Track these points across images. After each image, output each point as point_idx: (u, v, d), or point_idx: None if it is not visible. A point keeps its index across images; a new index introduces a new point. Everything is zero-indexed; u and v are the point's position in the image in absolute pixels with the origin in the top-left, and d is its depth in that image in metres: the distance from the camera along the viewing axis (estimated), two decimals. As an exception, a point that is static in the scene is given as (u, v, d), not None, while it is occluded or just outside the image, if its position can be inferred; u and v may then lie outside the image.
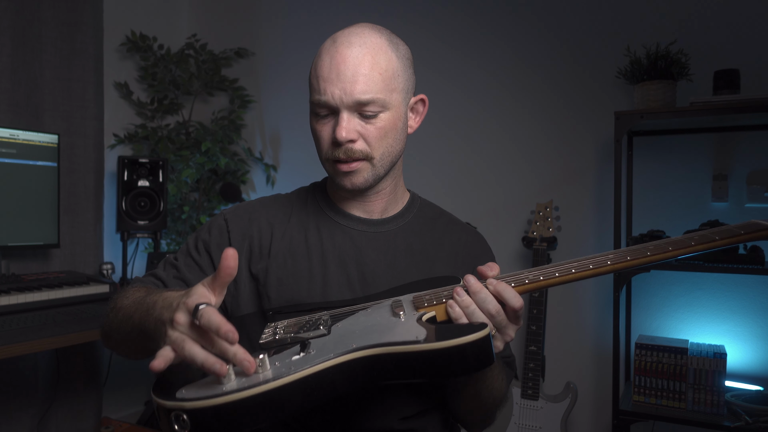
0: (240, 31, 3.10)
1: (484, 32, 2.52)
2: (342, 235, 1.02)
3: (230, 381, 0.65)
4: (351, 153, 0.94)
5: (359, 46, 0.92)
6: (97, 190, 2.59)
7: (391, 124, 0.95)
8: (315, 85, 0.93)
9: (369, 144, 0.94)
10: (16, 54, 2.29)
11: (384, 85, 0.93)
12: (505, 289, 0.80)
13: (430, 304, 0.83)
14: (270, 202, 1.08)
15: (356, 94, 0.91)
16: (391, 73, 0.94)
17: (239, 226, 1.03)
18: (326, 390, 0.67)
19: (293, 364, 0.68)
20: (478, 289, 0.80)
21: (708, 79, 1.98)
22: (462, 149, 2.57)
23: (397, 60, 0.95)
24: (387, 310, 0.84)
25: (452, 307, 0.81)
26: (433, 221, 1.09)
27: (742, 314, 2.06)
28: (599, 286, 2.28)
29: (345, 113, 0.92)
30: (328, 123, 0.95)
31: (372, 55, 0.92)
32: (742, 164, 2.06)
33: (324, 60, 0.93)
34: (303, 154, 2.92)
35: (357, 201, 1.04)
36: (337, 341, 0.73)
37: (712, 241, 0.83)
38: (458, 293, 0.81)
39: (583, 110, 2.33)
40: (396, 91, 0.95)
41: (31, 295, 1.91)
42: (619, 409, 1.94)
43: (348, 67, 0.91)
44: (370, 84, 0.91)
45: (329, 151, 0.95)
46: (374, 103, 0.92)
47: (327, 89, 0.91)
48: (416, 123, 1.05)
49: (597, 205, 2.30)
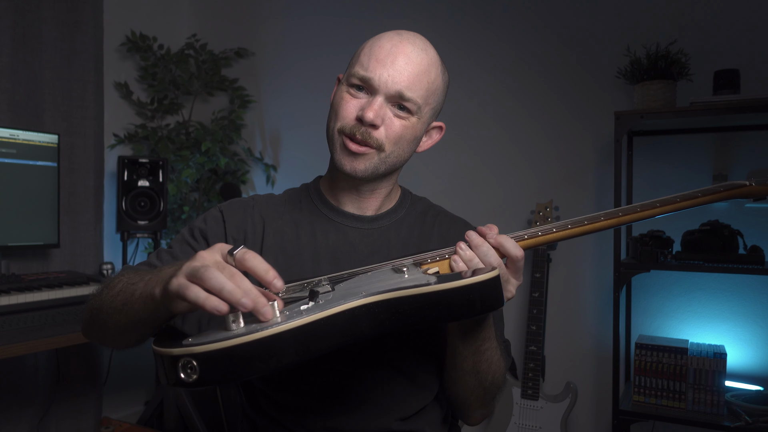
0: (240, 31, 3.10)
1: (483, 32, 2.52)
2: (335, 232, 1.02)
3: (239, 328, 0.62)
4: (367, 136, 0.93)
5: (422, 50, 0.95)
6: (97, 190, 2.59)
7: (412, 131, 0.97)
8: (365, 61, 0.94)
9: (387, 136, 0.95)
10: (16, 54, 2.29)
11: (425, 94, 0.95)
12: (506, 239, 0.83)
13: (433, 260, 0.85)
14: (262, 200, 1.08)
15: (402, 86, 0.92)
16: (434, 88, 0.97)
17: (235, 217, 1.03)
18: (337, 335, 0.65)
19: (304, 311, 0.65)
20: (479, 243, 0.82)
21: (708, 79, 1.98)
22: (462, 149, 2.57)
23: (442, 81, 0.99)
24: (388, 270, 0.84)
25: (456, 262, 0.83)
26: (423, 215, 1.10)
27: (742, 314, 2.06)
28: (599, 286, 2.29)
29: (381, 98, 0.93)
30: (359, 99, 0.94)
31: (428, 63, 0.95)
32: (742, 164, 2.06)
33: (384, 45, 0.94)
34: (303, 154, 2.92)
35: (352, 197, 1.03)
36: (345, 295, 0.71)
37: (695, 198, 0.93)
38: (461, 247, 0.83)
39: (583, 110, 2.33)
40: (429, 106, 0.98)
41: (31, 295, 1.91)
42: (619, 409, 1.94)
43: (406, 59, 0.93)
44: (417, 84, 0.93)
45: (347, 124, 0.94)
46: (412, 102, 0.94)
47: (377, 69, 0.92)
48: (426, 146, 1.06)
49: (597, 205, 2.30)
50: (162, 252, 1.01)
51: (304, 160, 2.90)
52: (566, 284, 2.35)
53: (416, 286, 0.69)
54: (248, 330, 0.61)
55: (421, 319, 0.69)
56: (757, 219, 2.02)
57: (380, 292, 0.69)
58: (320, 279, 0.85)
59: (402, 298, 0.69)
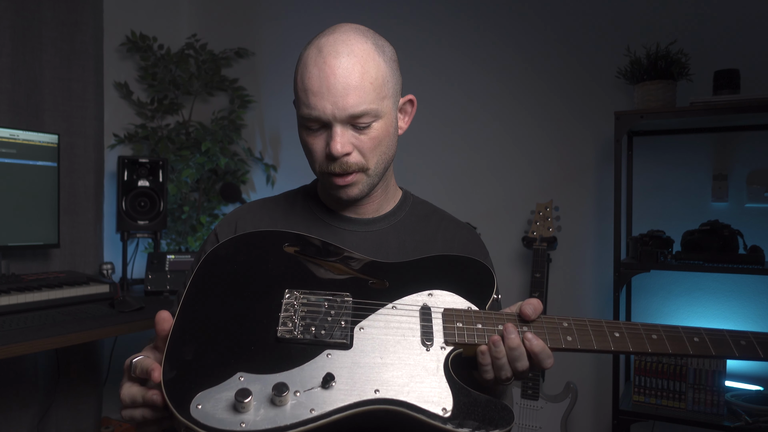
0: (240, 31, 3.10)
1: (483, 32, 2.52)
2: (332, 237, 1.01)
3: (249, 409, 0.67)
4: (347, 167, 0.92)
5: (347, 55, 0.88)
6: (97, 190, 2.59)
7: (384, 132, 0.93)
8: (304, 99, 0.90)
9: (364, 155, 0.92)
10: (16, 54, 2.29)
11: (375, 94, 0.90)
12: (543, 350, 0.78)
13: (460, 339, 0.79)
14: (256, 207, 1.08)
15: (349, 108, 0.88)
16: (381, 80, 0.91)
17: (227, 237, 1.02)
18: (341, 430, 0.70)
19: (315, 401, 0.69)
20: (515, 345, 0.78)
21: (708, 79, 1.98)
22: (462, 149, 2.57)
23: (385, 65, 0.92)
24: (416, 326, 0.80)
25: (483, 354, 0.79)
26: (426, 218, 1.08)
27: (742, 314, 2.06)
28: (599, 286, 2.28)
29: (338, 127, 0.89)
30: (320, 136, 0.92)
31: (361, 65, 0.88)
32: (742, 164, 2.06)
33: (311, 72, 0.88)
34: (303, 154, 2.91)
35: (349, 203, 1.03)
36: (356, 377, 0.73)
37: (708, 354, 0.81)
38: (494, 343, 0.78)
39: (583, 110, 2.33)
40: (387, 98, 0.93)
41: (31, 295, 1.91)
42: (619, 409, 1.94)
43: (338, 80, 0.87)
44: (362, 95, 0.88)
45: (324, 165, 0.93)
46: (367, 114, 0.89)
47: (318, 104, 0.88)
48: (406, 123, 1.03)
49: (597, 205, 2.30)
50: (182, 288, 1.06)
51: (304, 160, 2.88)
52: (566, 284, 2.35)
53: (429, 415, 0.70)
54: (257, 420, 0.66)
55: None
56: (757, 219, 2.02)
57: (395, 402, 0.71)
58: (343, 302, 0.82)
59: (408, 417, 0.71)
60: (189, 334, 0.76)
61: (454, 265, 0.91)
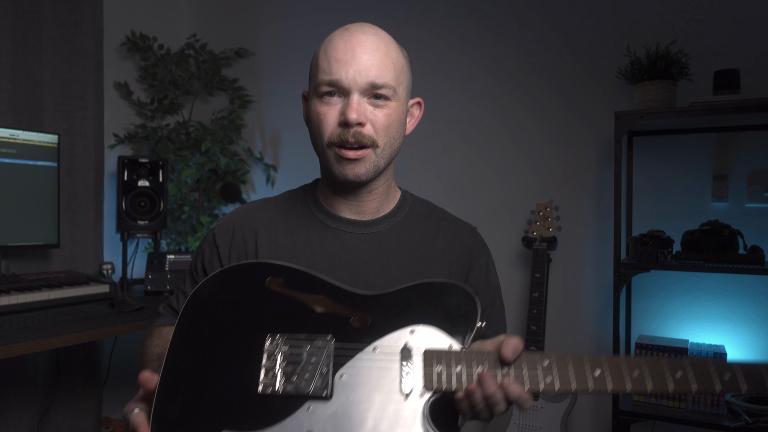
0: (240, 31, 3.10)
1: (483, 32, 2.52)
2: (332, 238, 1.00)
3: None
4: (360, 137, 0.91)
5: (374, 35, 0.94)
6: (97, 190, 2.59)
7: (396, 115, 0.95)
8: (325, 66, 0.92)
9: (376, 130, 0.93)
10: (16, 54, 2.29)
11: (395, 74, 0.94)
12: (520, 396, 0.78)
13: (438, 385, 0.79)
14: (255, 208, 1.07)
15: (372, 75, 0.90)
16: (401, 66, 0.96)
17: (225, 240, 1.03)
18: None
19: None
20: (491, 393, 0.77)
21: (708, 79, 1.98)
22: (462, 149, 2.57)
23: (404, 58, 0.98)
24: (395, 372, 0.80)
25: (460, 402, 0.79)
26: (427, 218, 1.07)
27: (742, 314, 2.06)
28: (599, 286, 2.28)
29: (356, 95, 0.91)
30: (335, 106, 0.92)
31: (386, 45, 0.94)
32: (742, 164, 2.06)
33: (337, 44, 0.92)
34: (303, 154, 2.91)
35: (349, 202, 1.01)
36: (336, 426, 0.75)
37: None
38: (471, 392, 0.78)
39: (583, 110, 2.33)
40: (402, 85, 0.96)
41: (31, 295, 1.91)
42: (619, 409, 1.95)
43: (364, 50, 0.91)
44: (384, 69, 0.92)
45: (334, 134, 0.92)
46: (387, 87, 0.92)
47: (340, 69, 0.90)
48: (412, 126, 1.04)
49: (597, 205, 2.30)
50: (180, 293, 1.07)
51: (304, 160, 2.90)
52: (566, 284, 2.35)
53: None
54: None
55: None
56: (757, 219, 2.02)
57: None
58: (324, 345, 0.82)
59: None
60: (174, 391, 0.77)
61: (436, 294, 0.88)
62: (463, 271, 1.04)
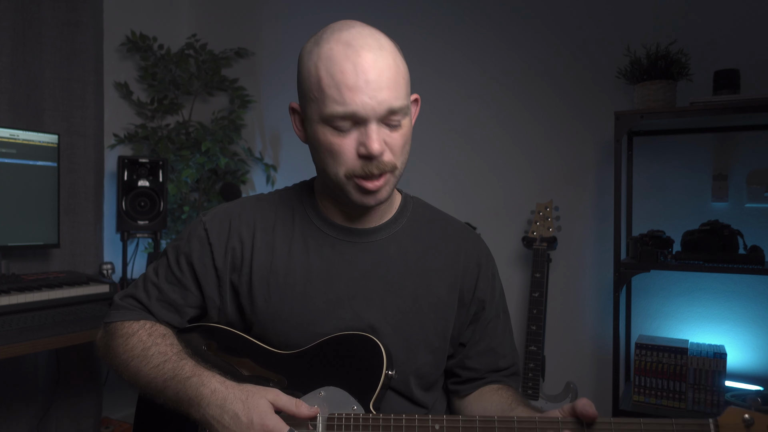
0: (240, 31, 3.10)
1: (483, 32, 2.52)
2: (330, 248, 0.96)
3: None
4: (383, 166, 0.85)
5: (379, 49, 0.84)
6: (97, 190, 2.59)
7: (409, 131, 0.89)
8: (335, 95, 0.82)
9: (394, 154, 0.87)
10: (16, 54, 2.29)
11: (406, 89, 0.87)
12: None
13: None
14: (251, 205, 1.01)
15: (389, 101, 0.83)
16: (406, 75, 0.89)
17: (221, 238, 0.97)
18: None
19: None
20: None
21: (708, 79, 1.98)
22: (462, 149, 2.57)
23: (403, 61, 0.90)
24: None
25: None
26: (430, 225, 1.03)
27: (742, 314, 2.06)
28: (599, 286, 2.28)
29: (374, 124, 0.83)
30: (350, 136, 0.84)
31: (393, 59, 0.85)
32: (742, 164, 2.05)
33: (344, 67, 0.82)
34: (303, 154, 2.90)
35: (350, 212, 0.97)
36: None
37: None
38: None
39: (583, 110, 2.33)
40: (409, 95, 0.90)
41: (31, 295, 1.91)
42: (619, 409, 1.95)
43: (376, 72, 0.82)
44: (398, 90, 0.84)
45: (356, 167, 0.85)
46: (402, 110, 0.85)
47: (355, 99, 0.81)
48: None
49: (597, 205, 2.30)
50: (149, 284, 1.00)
51: (304, 160, 2.90)
52: (566, 284, 2.35)
53: None
54: None
55: None
56: (757, 219, 2.02)
57: None
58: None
59: None
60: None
61: (343, 349, 0.88)
62: (471, 285, 1.01)
